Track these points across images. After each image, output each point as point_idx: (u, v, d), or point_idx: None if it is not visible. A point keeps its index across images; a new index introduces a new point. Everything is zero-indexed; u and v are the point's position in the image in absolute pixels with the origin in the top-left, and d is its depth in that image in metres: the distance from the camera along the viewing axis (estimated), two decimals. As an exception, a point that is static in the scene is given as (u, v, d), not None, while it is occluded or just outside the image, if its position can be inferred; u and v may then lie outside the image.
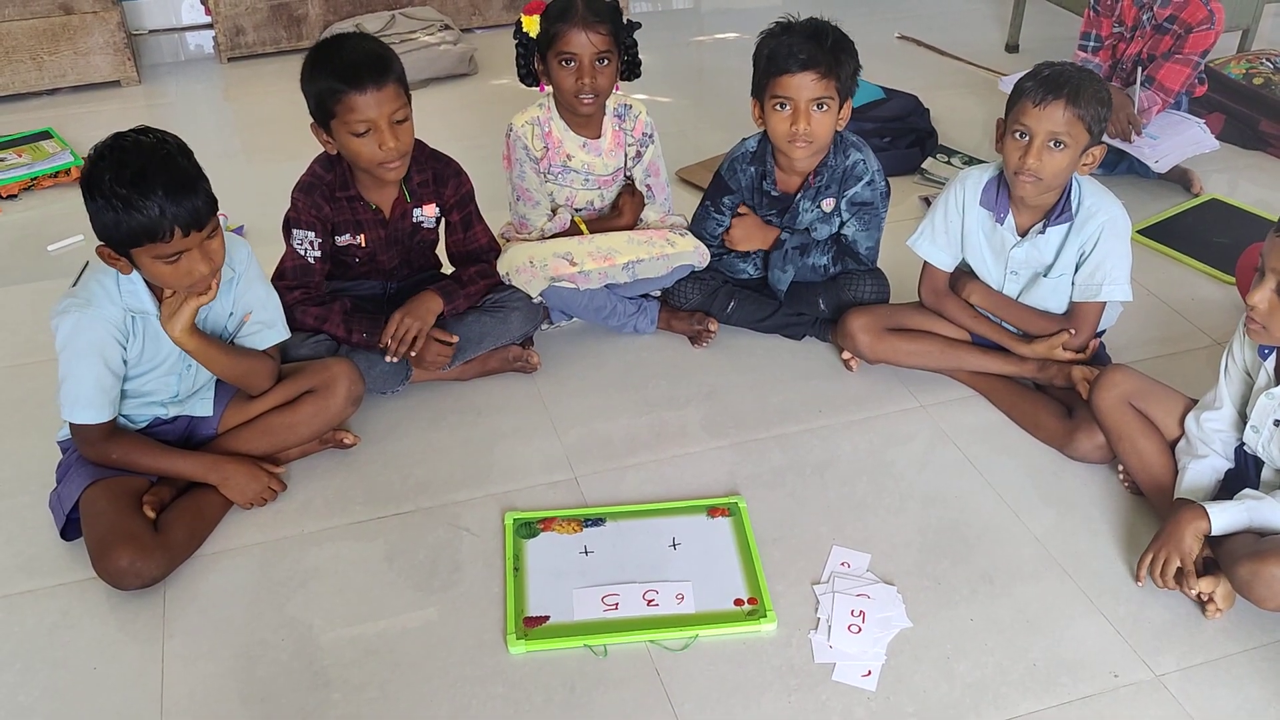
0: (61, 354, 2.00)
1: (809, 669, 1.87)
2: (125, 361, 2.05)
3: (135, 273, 1.99)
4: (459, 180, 2.48)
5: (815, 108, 2.40)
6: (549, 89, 2.57)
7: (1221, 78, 3.77)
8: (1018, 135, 2.22)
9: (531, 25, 2.50)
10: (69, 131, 3.71)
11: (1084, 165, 2.25)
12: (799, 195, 2.58)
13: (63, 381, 2.01)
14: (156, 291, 2.03)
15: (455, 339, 2.42)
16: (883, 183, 2.60)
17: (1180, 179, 3.39)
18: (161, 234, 1.86)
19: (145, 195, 1.83)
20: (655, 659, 1.89)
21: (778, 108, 2.43)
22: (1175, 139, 3.28)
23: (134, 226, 1.85)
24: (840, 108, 2.45)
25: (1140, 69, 3.28)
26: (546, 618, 1.95)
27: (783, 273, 2.63)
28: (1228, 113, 3.72)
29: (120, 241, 1.89)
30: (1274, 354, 1.98)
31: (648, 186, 2.71)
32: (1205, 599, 1.93)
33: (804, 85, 2.38)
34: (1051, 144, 2.18)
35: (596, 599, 1.99)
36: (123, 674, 1.87)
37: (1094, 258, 2.30)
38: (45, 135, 3.64)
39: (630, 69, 2.61)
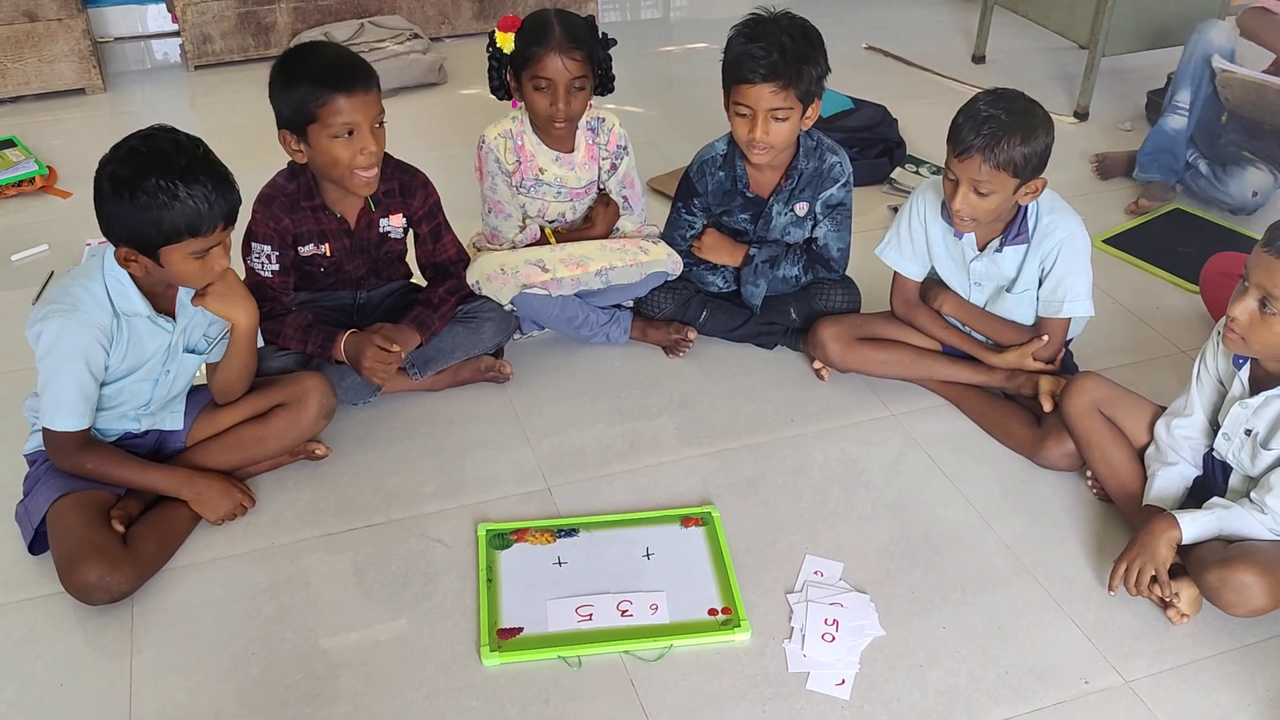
0: (44, 360, 1.97)
1: (783, 678, 1.88)
2: (106, 368, 2.02)
3: (126, 277, 1.98)
4: (426, 191, 2.47)
5: (773, 118, 2.42)
6: (521, 104, 2.56)
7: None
8: (949, 177, 2.24)
9: (506, 42, 2.48)
10: (33, 140, 3.67)
11: (1025, 195, 2.24)
12: (772, 199, 2.60)
13: (45, 388, 1.98)
14: (147, 293, 2.02)
15: (397, 348, 2.36)
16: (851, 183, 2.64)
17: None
18: (205, 227, 1.90)
19: (197, 191, 1.87)
20: (630, 670, 1.89)
21: (738, 114, 2.45)
22: None
23: (177, 222, 1.87)
24: (805, 112, 2.46)
25: None
26: (520, 629, 1.94)
27: (755, 287, 2.64)
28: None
29: (154, 240, 1.89)
30: (1248, 364, 2.01)
31: (624, 198, 2.72)
32: (1169, 603, 1.95)
33: (762, 96, 2.40)
34: (976, 190, 2.19)
35: (570, 610, 1.98)
36: (90, 690, 1.84)
37: (1054, 275, 2.32)
38: (9, 144, 3.59)
39: (604, 84, 2.60)
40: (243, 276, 2.38)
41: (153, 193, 1.85)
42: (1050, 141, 2.21)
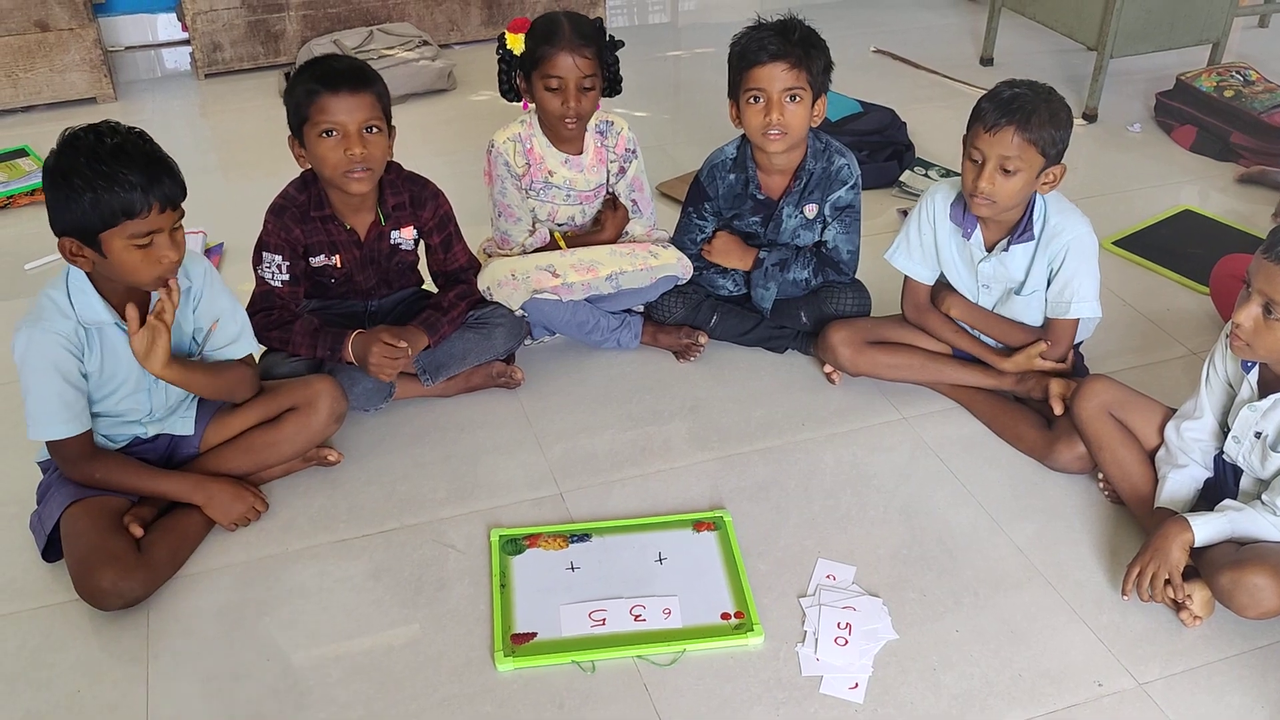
0: (20, 373, 1.99)
1: (796, 682, 1.88)
2: (85, 375, 2.02)
3: (87, 284, 1.97)
4: (437, 202, 2.48)
5: (788, 99, 2.43)
6: (531, 106, 2.58)
7: (1193, 91, 3.82)
8: (972, 158, 2.25)
9: (516, 44, 2.50)
10: (45, 149, 3.63)
11: (1044, 185, 2.26)
12: (782, 201, 2.60)
13: (25, 400, 1.99)
14: (110, 300, 2.00)
15: (404, 344, 2.36)
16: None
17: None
18: (141, 208, 1.87)
19: (126, 169, 1.85)
20: (643, 674, 1.89)
21: (752, 101, 2.45)
22: None
23: (114, 204, 1.85)
24: (814, 102, 2.47)
25: None
26: (534, 634, 1.95)
27: (765, 290, 2.64)
28: (1200, 125, 3.77)
29: (93, 227, 1.88)
30: (1256, 367, 2.01)
31: (633, 201, 2.72)
32: (1182, 605, 1.95)
33: (775, 75, 2.41)
34: (1004, 168, 2.20)
35: (584, 615, 1.99)
36: (107, 696, 1.85)
37: (1061, 276, 2.33)
38: (21, 153, 3.62)
39: (612, 86, 2.62)
40: (253, 286, 2.41)
41: (85, 175, 1.85)
42: (1070, 130, 2.24)
